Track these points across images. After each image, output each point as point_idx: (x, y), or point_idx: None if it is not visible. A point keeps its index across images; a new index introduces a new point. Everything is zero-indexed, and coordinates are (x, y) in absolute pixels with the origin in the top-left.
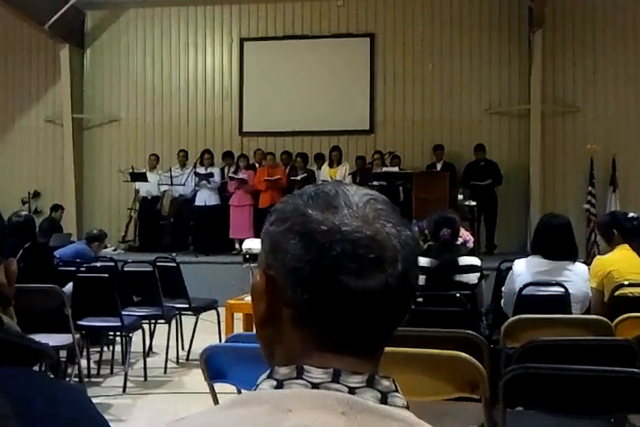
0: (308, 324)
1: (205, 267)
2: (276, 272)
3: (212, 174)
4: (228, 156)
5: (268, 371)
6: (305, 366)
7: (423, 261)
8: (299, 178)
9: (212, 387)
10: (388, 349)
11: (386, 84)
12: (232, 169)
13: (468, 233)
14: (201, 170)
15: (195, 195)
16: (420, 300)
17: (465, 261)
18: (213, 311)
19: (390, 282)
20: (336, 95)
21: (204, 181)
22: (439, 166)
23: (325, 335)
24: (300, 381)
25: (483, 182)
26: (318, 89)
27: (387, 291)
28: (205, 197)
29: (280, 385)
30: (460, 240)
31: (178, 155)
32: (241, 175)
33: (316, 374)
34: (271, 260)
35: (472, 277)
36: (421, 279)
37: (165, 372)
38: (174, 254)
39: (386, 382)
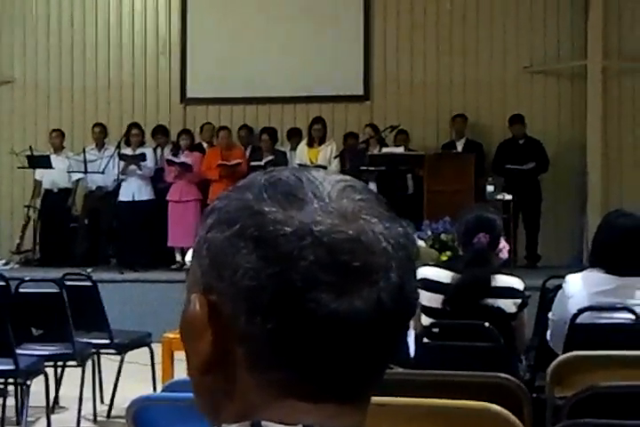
0: (272, 365)
1: (134, 287)
2: (222, 296)
3: (142, 157)
4: (164, 132)
5: None
6: (264, 423)
7: (443, 275)
8: (263, 162)
9: None
10: (395, 400)
11: (386, 32)
12: (170, 150)
13: (501, 238)
14: (127, 151)
15: (119, 186)
16: (435, 330)
17: (501, 281)
18: (145, 349)
19: (383, 299)
20: (317, 47)
21: (132, 167)
22: (460, 146)
23: (296, 378)
24: None
25: (522, 167)
26: (293, 38)
27: (379, 311)
28: (134, 190)
29: None
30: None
31: (93, 130)
32: (183, 159)
33: None
34: (213, 279)
35: (509, 304)
36: (437, 301)
37: None
38: (90, 270)
39: None
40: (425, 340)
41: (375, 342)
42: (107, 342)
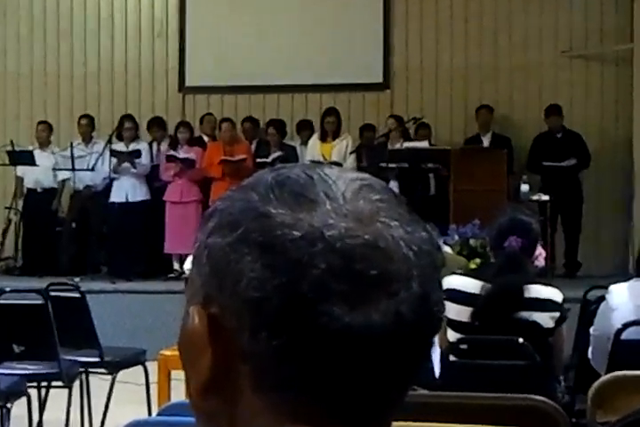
0: (279, 385)
1: (127, 299)
2: (224, 309)
3: (137, 153)
4: (160, 124)
5: None
6: None
7: (472, 285)
8: (271, 159)
9: None
10: (418, 425)
11: (408, 13)
12: (166, 145)
13: (538, 244)
14: (120, 146)
15: (110, 185)
16: (463, 347)
17: (537, 291)
18: (139, 368)
19: (403, 311)
20: (331, 30)
21: (126, 164)
22: (486, 140)
23: (306, 400)
24: None
25: (560, 163)
26: (304, 20)
27: (398, 326)
28: (127, 190)
29: None
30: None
31: (79, 123)
32: (182, 154)
33: None
34: (214, 290)
35: (545, 318)
36: (465, 314)
37: None
38: (78, 279)
39: None
40: (452, 358)
41: (394, 360)
42: (96, 359)
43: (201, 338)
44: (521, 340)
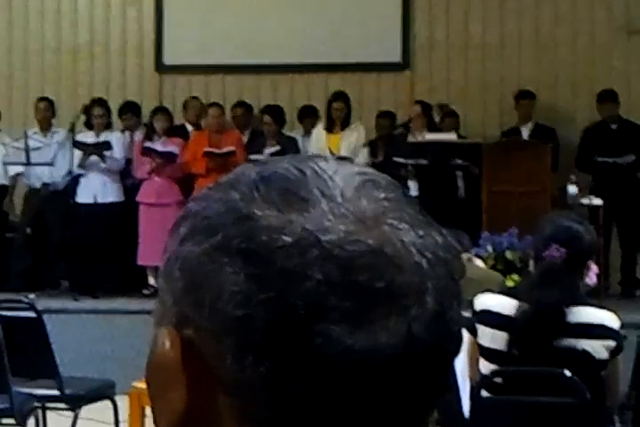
0: (269, 420)
1: (92, 320)
2: (200, 331)
3: (106, 145)
4: (134, 110)
5: None
6: None
7: (509, 305)
8: (267, 152)
9: None
10: None
11: None
12: (140, 135)
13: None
14: (88, 137)
15: (74, 184)
16: (498, 380)
17: (587, 315)
18: (106, 403)
19: (416, 331)
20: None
21: (94, 158)
22: (526, 132)
23: None
24: None
25: (616, 159)
26: None
27: (411, 348)
28: (96, 189)
29: None
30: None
31: (37, 107)
32: (160, 147)
33: None
34: (188, 308)
35: (598, 347)
36: (501, 341)
37: None
38: (33, 296)
39: None
40: (484, 393)
41: (406, 389)
42: (55, 393)
43: (173, 366)
44: (568, 373)
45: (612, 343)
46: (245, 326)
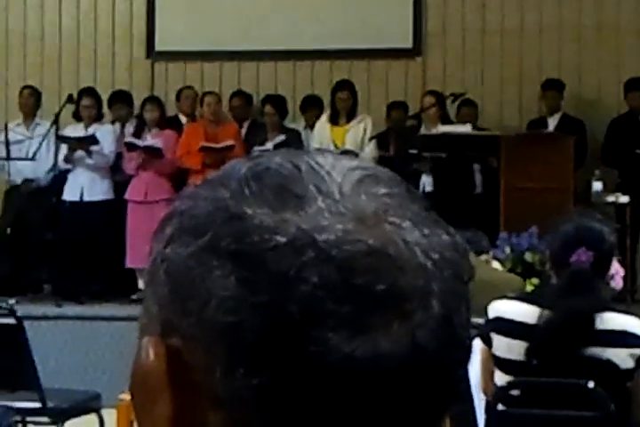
0: None
1: (77, 327)
2: (188, 340)
3: (92, 139)
4: (125, 100)
5: None
6: None
7: (527, 312)
8: (271, 145)
9: None
10: None
11: None
12: (131, 128)
13: (613, 259)
14: (76, 129)
15: (60, 181)
16: (515, 393)
17: (612, 321)
18: (92, 417)
19: (420, 338)
20: None
21: (80, 153)
22: (552, 124)
23: None
24: None
25: None
26: None
27: (416, 356)
28: (84, 186)
29: None
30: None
31: (21, 95)
32: (150, 140)
33: None
34: (175, 315)
35: (623, 356)
36: (519, 350)
37: None
38: (13, 301)
39: None
40: (500, 406)
41: (411, 400)
42: (37, 406)
43: (158, 378)
44: (591, 384)
45: (638, 351)
46: (236, 333)
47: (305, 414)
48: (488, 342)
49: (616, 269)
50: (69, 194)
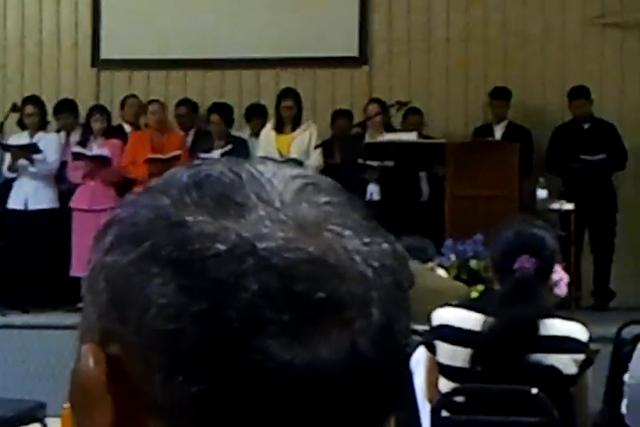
0: None
1: (21, 336)
2: (127, 348)
3: (34, 147)
4: (70, 108)
5: None
6: None
7: (471, 319)
8: (218, 154)
9: None
10: None
11: None
12: (77, 136)
13: (558, 266)
14: (16, 138)
15: (6, 189)
16: (459, 399)
17: (555, 328)
18: (36, 426)
19: (360, 345)
20: None
21: (23, 162)
22: (499, 132)
23: None
24: None
25: (588, 158)
26: None
27: (355, 364)
28: (28, 194)
29: None
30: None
31: None
32: (96, 149)
33: None
34: (114, 323)
35: (566, 362)
36: (463, 357)
37: None
38: None
39: None
40: (444, 413)
41: (351, 409)
42: None
43: (97, 386)
44: (535, 390)
45: (580, 357)
46: (175, 341)
47: (244, 422)
48: (432, 350)
49: (560, 275)
50: (14, 202)
